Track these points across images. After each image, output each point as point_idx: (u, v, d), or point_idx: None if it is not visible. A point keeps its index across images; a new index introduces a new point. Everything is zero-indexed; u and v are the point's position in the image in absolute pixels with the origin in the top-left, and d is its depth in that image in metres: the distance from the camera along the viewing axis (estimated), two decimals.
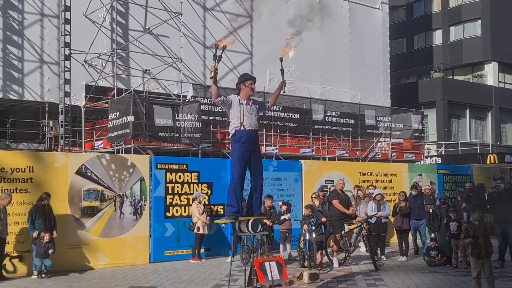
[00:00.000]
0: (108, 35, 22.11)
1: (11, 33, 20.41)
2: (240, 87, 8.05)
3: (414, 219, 14.14)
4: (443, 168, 19.90)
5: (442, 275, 11.12)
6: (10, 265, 11.25)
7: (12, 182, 11.43)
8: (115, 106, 20.11)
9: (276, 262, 10.00)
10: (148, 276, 11.38)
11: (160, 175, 13.41)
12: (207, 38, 24.41)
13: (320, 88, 27.62)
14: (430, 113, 35.08)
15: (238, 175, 7.82)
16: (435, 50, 40.95)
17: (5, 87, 20.16)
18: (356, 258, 13.40)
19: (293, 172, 15.79)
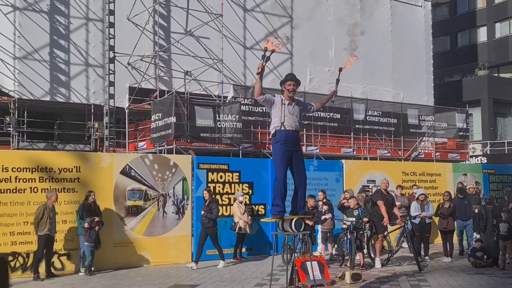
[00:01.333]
0: (151, 37, 22.50)
1: (57, 37, 21.00)
2: (283, 87, 8.08)
3: (460, 219, 13.85)
4: (488, 167, 19.43)
5: (488, 276, 10.87)
6: (58, 262, 11.61)
7: (60, 181, 11.78)
8: (158, 107, 20.44)
9: (318, 262, 9.97)
10: (190, 274, 11.53)
11: (202, 175, 13.57)
12: (247, 39, 24.54)
13: (361, 87, 27.37)
14: (474, 111, 34.27)
15: (281, 176, 7.84)
16: (480, 48, 39.98)
17: (53, 89, 20.76)
18: (399, 258, 13.24)
19: (334, 172, 15.72)
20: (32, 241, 11.19)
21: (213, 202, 12.46)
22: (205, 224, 12.22)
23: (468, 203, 13.92)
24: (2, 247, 10.98)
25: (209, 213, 12.18)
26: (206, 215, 12.16)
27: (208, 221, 12.16)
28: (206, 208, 12.27)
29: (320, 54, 26.43)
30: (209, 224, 12.21)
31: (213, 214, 12.21)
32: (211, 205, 12.33)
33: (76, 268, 11.69)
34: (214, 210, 12.26)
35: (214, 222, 12.29)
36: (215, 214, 12.26)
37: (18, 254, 11.16)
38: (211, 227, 12.25)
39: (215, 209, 12.31)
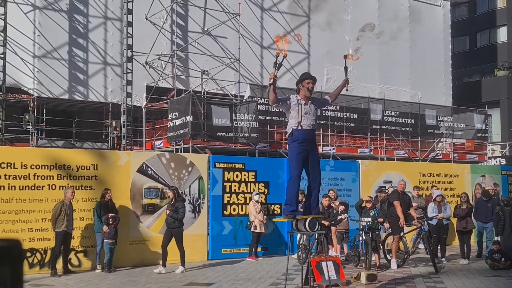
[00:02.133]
0: (168, 37, 22.62)
1: (76, 36, 21.21)
2: (299, 86, 8.07)
3: (480, 221, 13.69)
4: (507, 169, 19.20)
5: (506, 279, 10.74)
6: (75, 259, 11.71)
7: (78, 179, 11.89)
8: (175, 106, 20.55)
9: (333, 262, 9.96)
10: (206, 273, 11.57)
11: (218, 174, 13.61)
12: (265, 39, 24.55)
13: (379, 88, 27.24)
14: (494, 112, 33.89)
15: (296, 174, 7.84)
16: (500, 48, 39.49)
17: (71, 88, 20.98)
18: (415, 260, 13.14)
19: (351, 172, 15.66)
20: (49, 238, 11.31)
21: (179, 201, 11.75)
22: (170, 224, 11.53)
23: (492, 206, 13.71)
24: None
25: (175, 213, 11.49)
26: (172, 215, 11.44)
27: (174, 221, 11.48)
28: (172, 208, 11.55)
29: (337, 54, 26.22)
30: (174, 224, 11.50)
31: (180, 214, 11.52)
32: (177, 205, 11.61)
33: (92, 265, 11.79)
34: (180, 210, 11.57)
35: (180, 222, 11.61)
36: (182, 214, 11.58)
37: (36, 250, 11.29)
38: (176, 227, 11.55)
39: (182, 209, 11.60)
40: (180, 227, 11.64)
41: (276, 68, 7.54)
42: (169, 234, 11.58)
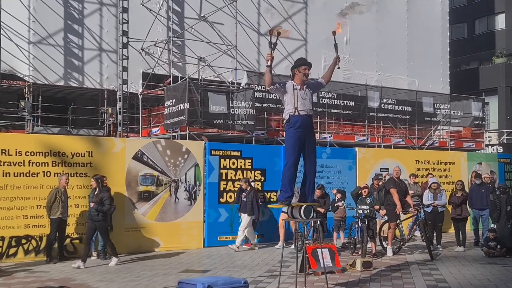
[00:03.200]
0: (164, 23, 22.47)
1: (71, 22, 21.06)
2: (294, 72, 8.01)
3: (476, 208, 13.69)
4: (504, 157, 19.20)
5: (501, 266, 10.76)
6: (71, 246, 11.70)
7: (72, 166, 11.83)
8: (171, 93, 20.45)
9: (329, 249, 9.97)
10: (202, 260, 11.57)
11: (214, 161, 13.56)
12: (262, 25, 24.39)
13: (376, 75, 27.14)
14: (491, 100, 33.84)
15: (292, 161, 7.80)
16: (498, 35, 39.33)
17: (66, 74, 20.86)
18: (411, 247, 13.16)
19: (347, 159, 15.63)
20: (45, 225, 11.28)
21: (104, 192, 10.86)
22: (93, 217, 10.70)
23: (486, 192, 13.72)
24: (15, 230, 11.09)
25: (100, 204, 10.69)
26: (97, 207, 10.62)
27: (98, 213, 10.68)
28: (97, 199, 10.71)
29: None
30: (98, 217, 10.68)
31: (105, 206, 10.73)
32: (102, 195, 10.78)
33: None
34: (106, 201, 10.77)
35: (104, 214, 10.80)
36: (107, 206, 10.79)
37: (31, 237, 11.26)
38: (101, 220, 10.72)
39: (107, 200, 10.80)
40: (104, 220, 10.83)
41: (271, 48, 7.52)
42: (93, 227, 10.81)
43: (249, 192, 12.87)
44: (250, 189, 12.91)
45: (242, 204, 12.89)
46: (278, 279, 8.15)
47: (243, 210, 12.87)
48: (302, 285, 8.17)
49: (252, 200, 12.78)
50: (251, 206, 12.76)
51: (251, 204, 12.75)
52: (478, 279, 9.50)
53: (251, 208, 12.75)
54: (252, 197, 12.79)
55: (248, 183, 13.08)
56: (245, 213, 12.83)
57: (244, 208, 12.85)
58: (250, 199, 12.78)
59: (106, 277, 9.62)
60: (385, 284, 9.03)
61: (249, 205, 12.75)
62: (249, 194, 12.83)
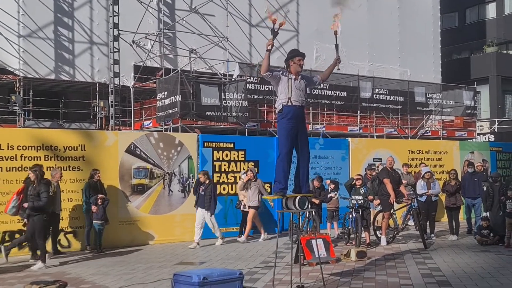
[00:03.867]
0: (155, 15, 22.31)
1: (61, 15, 20.85)
2: (289, 63, 8.00)
3: (469, 197, 13.76)
4: (496, 145, 19.30)
5: (494, 254, 10.85)
6: (65, 240, 11.68)
7: (65, 160, 11.79)
8: (163, 86, 20.36)
9: (323, 239, 10.00)
10: (196, 252, 11.58)
11: (207, 153, 13.55)
12: (253, 17, 24.29)
13: (368, 65, 27.13)
14: (483, 89, 33.94)
15: (286, 151, 7.80)
16: (489, 24, 39.41)
17: (57, 68, 20.69)
18: (405, 236, 13.23)
19: (340, 150, 15.67)
20: None
21: (41, 185, 9.78)
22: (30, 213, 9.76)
23: (478, 180, 13.78)
24: (9, 225, 11.05)
25: (36, 199, 9.67)
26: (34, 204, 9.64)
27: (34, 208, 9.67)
28: (34, 192, 9.68)
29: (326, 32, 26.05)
30: (35, 213, 9.71)
31: (42, 200, 9.66)
32: (39, 188, 9.73)
33: (82, 246, 11.76)
34: (43, 195, 9.66)
35: (40, 209, 9.72)
36: (44, 200, 9.67)
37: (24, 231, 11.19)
38: (36, 215, 9.72)
39: (44, 193, 9.68)
40: (40, 215, 9.76)
41: (273, 36, 7.52)
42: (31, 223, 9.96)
43: (208, 185, 12.14)
44: (209, 182, 12.19)
45: (200, 198, 12.13)
46: (273, 270, 8.17)
47: (200, 205, 12.14)
48: (297, 276, 8.19)
49: (211, 194, 12.06)
50: (209, 201, 12.06)
51: (209, 198, 12.05)
52: (471, 267, 9.57)
53: (209, 202, 12.06)
54: (210, 190, 12.08)
55: (207, 176, 12.33)
56: (202, 207, 12.12)
57: (201, 203, 12.12)
58: (209, 193, 12.05)
59: (100, 271, 9.61)
60: (380, 273, 9.08)
61: (207, 199, 12.06)
62: (208, 188, 12.10)
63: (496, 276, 8.70)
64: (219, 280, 7.50)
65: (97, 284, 8.53)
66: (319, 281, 8.19)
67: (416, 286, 8.07)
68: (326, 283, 8.10)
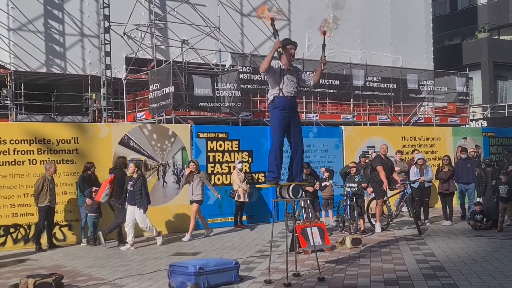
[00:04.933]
0: (146, 6, 22.21)
1: (51, 8, 20.72)
2: (280, 52, 7.96)
3: (462, 182, 13.84)
4: (488, 130, 19.39)
5: (488, 238, 10.93)
6: (60, 233, 11.68)
7: (58, 153, 11.76)
8: (155, 77, 20.30)
9: (318, 227, 10.04)
10: (192, 243, 11.60)
11: (201, 144, 13.55)
12: (244, 6, 24.19)
13: (360, 53, 27.12)
14: (475, 75, 34.02)
15: (278, 141, 7.81)
16: (480, 10, 39.44)
17: (48, 61, 20.59)
18: (399, 223, 13.31)
19: (334, 138, 15.70)
20: (33, 213, 11.23)
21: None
22: None
23: (471, 166, 13.87)
24: (3, 219, 11.04)
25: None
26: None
27: None
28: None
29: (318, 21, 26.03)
30: None
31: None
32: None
33: (77, 239, 11.76)
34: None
35: None
36: None
37: (19, 226, 11.22)
38: None
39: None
40: None
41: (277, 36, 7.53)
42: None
43: (137, 179, 11.00)
44: (138, 176, 11.05)
45: (129, 194, 10.95)
46: (268, 258, 8.20)
47: (130, 201, 10.97)
48: (293, 264, 8.24)
49: (141, 189, 10.91)
50: (140, 196, 10.89)
51: (139, 193, 10.89)
52: (465, 251, 9.65)
53: (140, 198, 10.88)
54: (140, 185, 10.92)
55: (137, 167, 11.25)
56: (133, 204, 10.96)
57: (131, 199, 10.94)
58: (138, 188, 10.89)
59: (96, 263, 9.62)
60: (375, 260, 9.14)
61: (137, 195, 10.89)
62: (137, 182, 10.95)
63: (490, 260, 8.78)
64: (215, 270, 7.55)
65: (94, 276, 8.55)
66: (315, 268, 8.24)
67: (411, 272, 8.13)
68: (322, 270, 8.14)
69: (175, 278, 7.52)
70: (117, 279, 8.30)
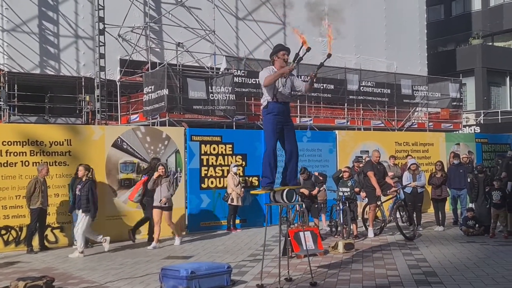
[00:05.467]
0: (141, 8, 22.17)
1: (46, 9, 20.65)
2: (274, 58, 7.98)
3: (454, 188, 13.89)
4: (481, 137, 19.46)
5: (480, 244, 10.96)
6: (52, 235, 11.62)
7: (51, 155, 11.70)
8: (150, 79, 20.26)
9: (311, 232, 10.06)
10: (184, 246, 11.57)
11: (194, 147, 13.53)
12: (240, 9, 24.23)
13: (355, 58, 27.20)
14: (468, 81, 34.18)
15: (271, 146, 7.80)
16: (474, 16, 39.66)
17: (42, 62, 20.51)
18: (392, 228, 13.31)
19: (328, 142, 15.72)
20: (24, 215, 11.17)
21: None
22: None
23: (464, 172, 13.93)
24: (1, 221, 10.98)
25: None
26: None
27: None
28: None
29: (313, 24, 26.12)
30: None
31: None
32: None
33: (69, 241, 11.71)
34: None
35: None
36: None
37: (11, 227, 11.16)
38: None
39: None
40: None
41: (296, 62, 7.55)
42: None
43: (85, 183, 10.59)
44: (87, 180, 10.64)
45: (77, 199, 10.63)
46: (261, 263, 8.19)
47: (78, 206, 10.61)
48: (285, 268, 8.23)
49: (87, 193, 10.49)
50: (86, 202, 10.48)
51: (86, 198, 10.48)
52: (457, 257, 9.67)
53: (86, 203, 10.47)
54: (87, 190, 10.50)
55: (88, 171, 10.76)
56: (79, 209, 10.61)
57: (79, 203, 10.58)
58: (85, 193, 10.48)
59: (88, 266, 9.58)
60: (367, 265, 9.14)
61: (83, 199, 10.48)
62: (85, 186, 10.53)
63: (482, 266, 8.80)
64: (207, 274, 7.54)
65: (85, 279, 8.51)
66: (307, 273, 8.23)
67: (403, 277, 8.14)
68: (314, 275, 8.14)
69: (167, 282, 7.50)
70: (109, 282, 8.27)
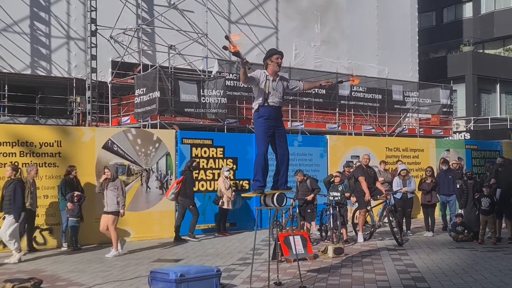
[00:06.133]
0: (134, 10, 22.15)
1: (38, 10, 20.58)
2: (267, 62, 7.97)
3: (443, 194, 13.96)
4: (471, 143, 19.58)
5: (469, 250, 11.01)
6: (41, 237, 11.55)
7: (41, 156, 11.64)
8: (141, 82, 20.23)
9: (301, 236, 10.05)
10: (174, 249, 11.54)
11: (185, 150, 13.51)
12: (232, 13, 24.26)
13: (347, 63, 27.29)
14: (459, 88, 34.40)
15: (263, 150, 7.80)
16: (465, 23, 39.98)
17: (33, 63, 20.43)
18: (382, 233, 13.35)
19: (319, 147, 15.74)
20: None
21: None
22: None
23: (453, 178, 14.01)
24: None
25: None
26: None
27: None
28: None
29: (306, 29, 26.27)
30: None
31: None
32: None
33: (58, 243, 11.64)
34: None
35: None
36: None
37: None
38: None
39: None
40: None
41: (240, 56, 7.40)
42: None
43: (10, 183, 9.91)
44: (12, 180, 9.95)
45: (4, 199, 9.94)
46: (250, 266, 8.18)
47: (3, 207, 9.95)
48: (275, 272, 8.22)
49: (11, 194, 9.75)
50: (9, 202, 9.78)
51: (8, 199, 9.80)
52: (446, 263, 9.71)
53: (8, 205, 9.78)
54: (11, 190, 9.77)
55: (16, 171, 10.06)
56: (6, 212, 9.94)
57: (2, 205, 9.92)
58: (9, 194, 9.78)
59: (77, 268, 9.52)
60: (356, 270, 9.16)
61: (6, 200, 9.82)
62: (9, 187, 9.85)
63: (470, 272, 8.84)
64: (196, 277, 7.50)
65: (73, 281, 8.45)
66: (297, 277, 8.22)
67: (392, 282, 8.16)
68: (304, 279, 8.14)
69: (156, 285, 7.47)
70: (97, 284, 8.22)
